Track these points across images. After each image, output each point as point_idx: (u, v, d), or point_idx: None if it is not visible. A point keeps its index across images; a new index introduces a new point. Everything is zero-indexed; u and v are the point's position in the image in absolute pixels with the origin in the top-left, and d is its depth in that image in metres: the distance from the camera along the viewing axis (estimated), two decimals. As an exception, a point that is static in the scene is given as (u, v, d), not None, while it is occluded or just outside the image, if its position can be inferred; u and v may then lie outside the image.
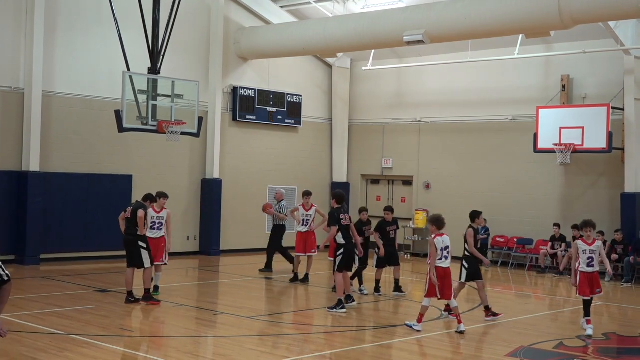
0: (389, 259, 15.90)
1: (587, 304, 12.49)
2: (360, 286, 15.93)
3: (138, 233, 13.82)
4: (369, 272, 16.40)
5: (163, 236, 14.68)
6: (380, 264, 15.83)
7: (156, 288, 14.76)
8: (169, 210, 14.83)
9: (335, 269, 14.00)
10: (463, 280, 13.59)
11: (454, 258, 12.50)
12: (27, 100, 19.01)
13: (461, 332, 12.09)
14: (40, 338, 10.82)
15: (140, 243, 13.85)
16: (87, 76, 20.16)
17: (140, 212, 13.77)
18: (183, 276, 18.82)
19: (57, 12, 19.63)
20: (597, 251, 12.49)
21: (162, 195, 14.70)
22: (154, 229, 14.55)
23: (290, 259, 18.54)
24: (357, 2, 23.56)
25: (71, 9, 19.93)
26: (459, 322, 12.21)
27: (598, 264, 12.57)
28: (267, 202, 19.88)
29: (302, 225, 17.71)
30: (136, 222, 13.78)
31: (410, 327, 12.28)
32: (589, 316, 12.46)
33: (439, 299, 12.34)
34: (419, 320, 12.22)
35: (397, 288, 16.09)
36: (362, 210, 16.02)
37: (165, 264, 14.93)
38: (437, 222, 12.29)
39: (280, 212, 18.98)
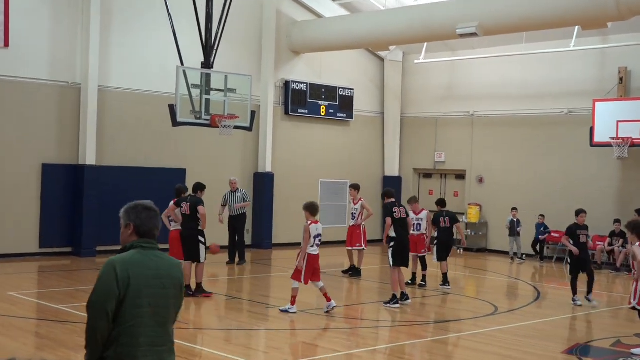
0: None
1: None
2: (575, 296, 14.72)
3: (199, 228, 13.96)
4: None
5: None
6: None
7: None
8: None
9: (391, 264, 13.91)
10: None
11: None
12: (83, 95, 19.32)
13: (332, 309, 12.62)
14: (97, 329, 10.97)
15: (200, 238, 14.00)
16: (141, 71, 20.40)
17: (202, 209, 13.89)
18: (235, 269, 18.93)
19: (112, 8, 19.89)
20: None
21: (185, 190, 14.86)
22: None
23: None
24: (409, -6, 23.40)
25: (126, 4, 20.17)
26: (328, 299, 12.64)
27: None
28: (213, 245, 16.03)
29: (351, 219, 17.85)
30: (196, 216, 13.90)
31: (286, 311, 12.56)
32: None
33: (305, 284, 12.61)
34: (292, 303, 12.62)
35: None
36: (581, 212, 14.99)
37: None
38: (310, 209, 12.61)
39: (245, 200, 18.95)
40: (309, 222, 12.55)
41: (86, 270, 17.20)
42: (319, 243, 12.66)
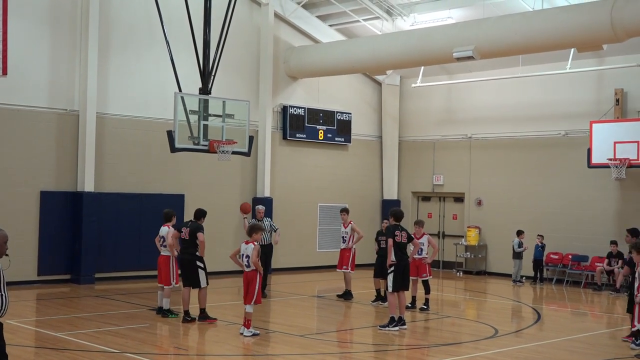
0: None
1: None
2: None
3: (197, 254, 13.94)
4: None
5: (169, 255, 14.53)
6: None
7: (169, 311, 14.56)
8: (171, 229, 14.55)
9: (389, 289, 13.82)
10: None
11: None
12: (81, 121, 19.38)
13: (249, 335, 12.62)
14: (96, 356, 10.95)
15: (199, 263, 13.96)
16: (139, 97, 20.48)
17: (201, 236, 13.89)
18: (235, 294, 18.85)
19: (110, 35, 20.01)
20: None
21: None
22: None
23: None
24: (405, 19, 23.55)
25: (124, 32, 20.30)
26: (248, 326, 12.70)
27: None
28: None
29: (342, 242, 17.77)
30: (195, 242, 13.90)
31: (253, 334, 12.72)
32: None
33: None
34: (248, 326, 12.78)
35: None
36: None
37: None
38: (248, 229, 13.07)
39: (274, 229, 18.17)
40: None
41: (85, 298, 17.16)
42: (247, 263, 12.70)
